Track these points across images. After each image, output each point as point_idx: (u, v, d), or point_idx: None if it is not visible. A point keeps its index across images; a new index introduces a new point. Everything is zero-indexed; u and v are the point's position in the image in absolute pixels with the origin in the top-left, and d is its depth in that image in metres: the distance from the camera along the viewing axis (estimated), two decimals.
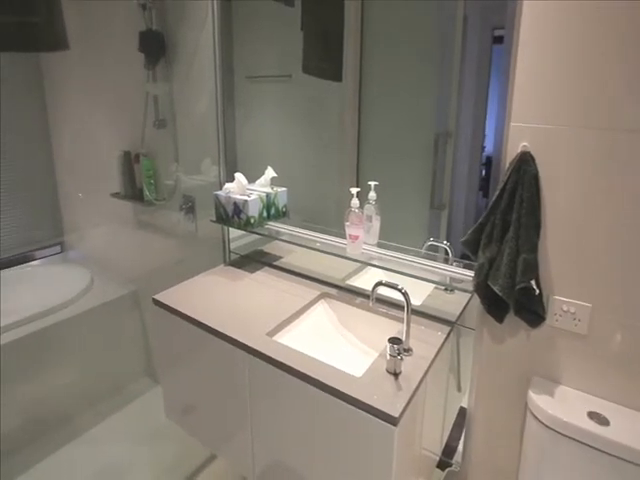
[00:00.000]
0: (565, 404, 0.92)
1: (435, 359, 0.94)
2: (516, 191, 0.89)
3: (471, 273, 1.01)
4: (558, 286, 0.93)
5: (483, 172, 1.07)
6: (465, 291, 1.05)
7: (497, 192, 0.91)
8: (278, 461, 1.01)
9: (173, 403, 1.28)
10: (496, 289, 0.89)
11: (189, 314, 1.11)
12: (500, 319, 0.95)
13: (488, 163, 1.03)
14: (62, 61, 2.01)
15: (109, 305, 1.93)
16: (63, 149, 2.19)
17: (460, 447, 1.16)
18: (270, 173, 1.36)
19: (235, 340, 1.01)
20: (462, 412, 1.16)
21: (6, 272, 2.09)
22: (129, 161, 1.80)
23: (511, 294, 0.88)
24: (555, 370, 0.97)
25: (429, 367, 0.91)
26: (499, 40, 0.94)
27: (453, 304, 1.09)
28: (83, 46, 1.80)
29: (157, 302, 1.20)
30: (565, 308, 0.92)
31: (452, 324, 1.07)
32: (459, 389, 1.21)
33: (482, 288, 0.92)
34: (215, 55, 1.42)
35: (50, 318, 1.76)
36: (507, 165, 0.92)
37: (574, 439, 0.87)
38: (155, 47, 1.57)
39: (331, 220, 1.31)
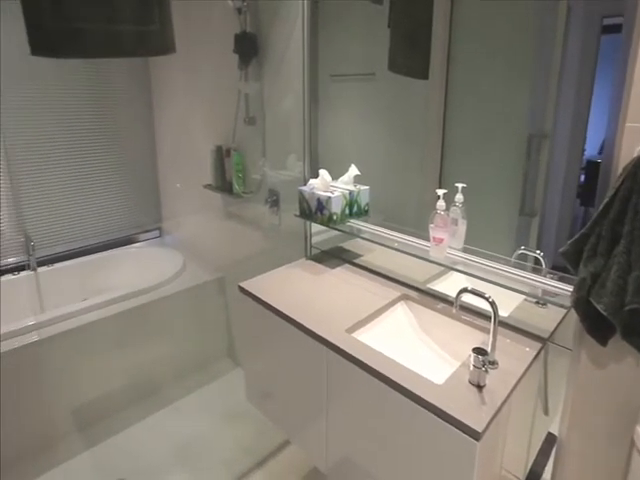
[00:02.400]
0: None
1: (523, 376, 0.89)
2: (630, 200, 0.80)
3: (568, 287, 0.93)
4: None
5: (582, 177, 0.98)
6: (560, 306, 0.97)
7: (605, 200, 0.83)
8: (351, 457, 1.03)
9: (253, 387, 1.35)
10: (600, 307, 0.81)
11: (272, 304, 1.17)
12: (603, 341, 0.87)
13: (588, 168, 0.94)
14: (166, 64, 2.20)
15: (198, 288, 2.09)
16: (164, 144, 2.41)
17: (546, 475, 1.08)
18: (353, 171, 1.37)
19: (315, 334, 1.04)
20: (550, 438, 1.08)
21: (114, 251, 2.38)
22: (221, 155, 1.92)
23: (618, 315, 0.80)
24: None
25: (516, 384, 0.86)
26: (609, 29, 0.85)
27: (544, 319, 1.02)
28: (184, 49, 1.95)
29: (242, 290, 1.28)
30: None
31: (544, 341, 1.00)
32: (546, 412, 1.13)
33: (582, 305, 0.85)
34: (303, 55, 1.46)
35: (149, 295, 1.96)
36: (619, 170, 0.83)
37: None
38: (248, 48, 1.65)
39: (411, 221, 1.29)
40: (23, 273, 2.07)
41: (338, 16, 1.37)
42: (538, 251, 1.05)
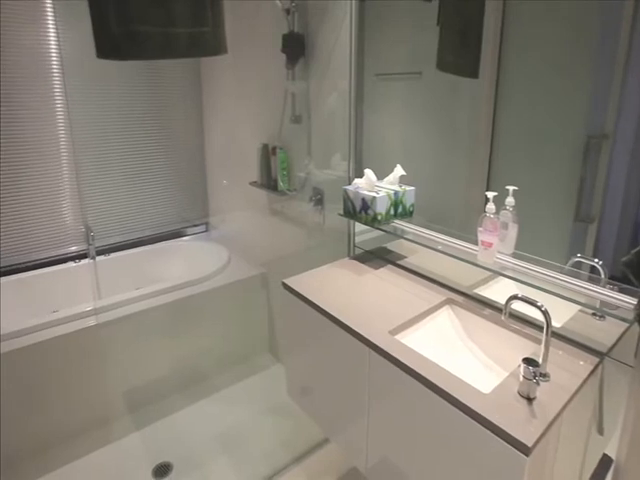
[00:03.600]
0: None
1: (578, 391, 0.85)
2: None
3: (630, 300, 0.88)
4: None
5: None
6: (621, 320, 0.91)
7: None
8: (391, 460, 1.03)
9: (294, 383, 1.38)
10: None
11: (315, 302, 1.18)
12: None
13: None
14: (217, 64, 2.26)
15: (242, 283, 2.15)
16: (213, 142, 2.49)
17: None
18: (399, 171, 1.36)
19: (358, 334, 1.04)
20: (605, 460, 1.02)
21: (164, 243, 2.50)
22: (267, 153, 1.95)
23: None
24: None
25: (570, 399, 0.82)
26: None
27: (602, 332, 0.96)
28: (233, 49, 2.00)
29: (286, 286, 1.30)
30: None
31: (601, 355, 0.95)
32: (601, 432, 1.06)
33: None
34: (350, 54, 1.46)
35: (195, 287, 2.04)
36: None
37: None
38: (296, 48, 1.66)
39: (455, 223, 1.26)
40: (83, 261, 2.22)
41: (385, 14, 1.35)
42: (596, 260, 0.99)
